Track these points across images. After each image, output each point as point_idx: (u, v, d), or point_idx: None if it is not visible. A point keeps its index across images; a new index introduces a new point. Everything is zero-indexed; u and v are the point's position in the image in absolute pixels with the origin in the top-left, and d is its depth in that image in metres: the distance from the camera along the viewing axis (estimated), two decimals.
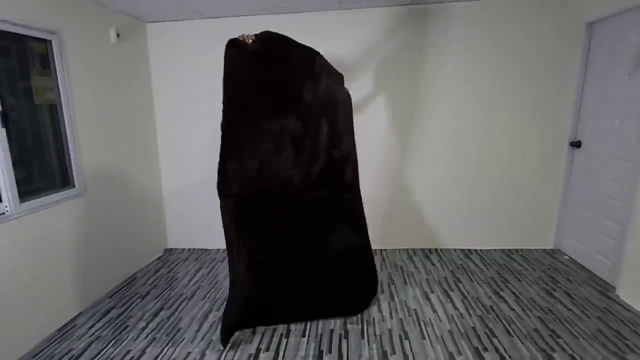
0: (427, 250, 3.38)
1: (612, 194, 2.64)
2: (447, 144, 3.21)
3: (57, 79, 2.35)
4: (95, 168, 2.65)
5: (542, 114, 3.08)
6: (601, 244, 2.74)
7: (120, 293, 2.76)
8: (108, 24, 2.78)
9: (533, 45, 2.97)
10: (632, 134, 2.44)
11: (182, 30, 3.19)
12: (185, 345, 2.10)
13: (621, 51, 2.57)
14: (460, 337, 2.11)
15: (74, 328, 2.31)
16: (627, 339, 2.04)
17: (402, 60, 3.09)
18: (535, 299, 2.49)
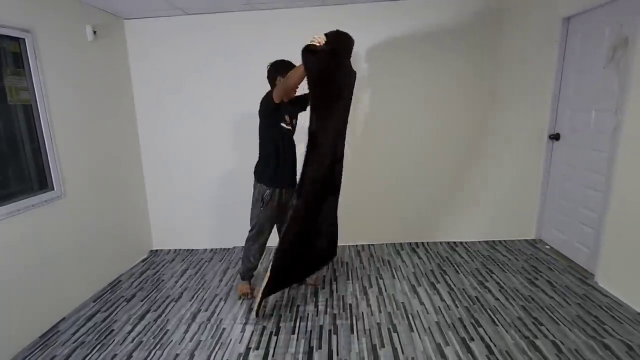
0: (414, 244, 3.42)
1: (589, 185, 2.73)
2: (430, 139, 3.25)
3: (32, 78, 2.27)
4: (74, 170, 2.57)
5: (521, 107, 3.15)
6: (580, 233, 2.83)
7: (104, 297, 2.70)
8: (84, 21, 2.70)
9: (512, 40, 3.03)
10: (608, 126, 2.52)
11: (161, 27, 3.12)
12: (173, 347, 2.08)
13: (596, 45, 2.64)
14: (448, 328, 2.15)
15: (57, 334, 2.25)
16: (605, 323, 2.12)
17: (383, 55, 3.10)
18: (519, 288, 2.56)
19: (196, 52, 3.17)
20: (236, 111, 3.26)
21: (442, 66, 3.10)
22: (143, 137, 3.35)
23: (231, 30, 3.11)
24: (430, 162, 3.29)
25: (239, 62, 3.16)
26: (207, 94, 3.24)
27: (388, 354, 1.96)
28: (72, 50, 2.59)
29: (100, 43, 2.85)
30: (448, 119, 3.20)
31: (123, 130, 3.17)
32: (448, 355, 1.92)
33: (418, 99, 3.17)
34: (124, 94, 3.18)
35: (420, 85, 3.15)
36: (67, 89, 2.54)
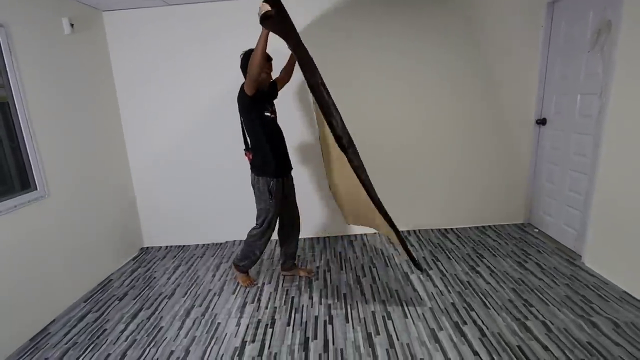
0: (406, 232, 3.45)
1: (575, 168, 2.78)
2: (418, 128, 3.25)
3: (7, 74, 2.18)
4: (57, 168, 2.50)
5: (508, 93, 3.17)
6: (567, 215, 2.89)
7: (95, 297, 2.65)
8: (60, 14, 2.59)
9: (497, 26, 3.03)
10: (593, 109, 2.56)
11: (142, 18, 3.03)
12: (168, 344, 2.06)
13: (580, 29, 2.67)
14: (441, 313, 2.18)
15: (48, 336, 2.21)
16: (592, 302, 2.18)
17: (369, 45, 3.07)
18: (509, 271, 2.61)
19: (179, 44, 3.09)
20: (223, 103, 3.19)
21: (427, 54, 3.09)
22: (127, 131, 3.27)
23: (214, 21, 3.03)
24: (418, 150, 3.30)
25: (223, 52, 3.09)
26: (192, 86, 3.17)
27: (383, 341, 1.98)
28: (48, 45, 2.49)
29: (78, 36, 2.75)
30: (435, 108, 3.20)
31: (106, 125, 3.08)
32: (442, 339, 1.95)
33: (405, 87, 3.16)
34: (105, 87, 3.08)
35: (406, 73, 3.13)
36: (46, 85, 2.45)
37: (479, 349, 1.86)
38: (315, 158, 3.24)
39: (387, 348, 1.92)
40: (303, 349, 1.95)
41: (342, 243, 3.31)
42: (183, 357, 1.95)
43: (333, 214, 3.43)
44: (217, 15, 3.02)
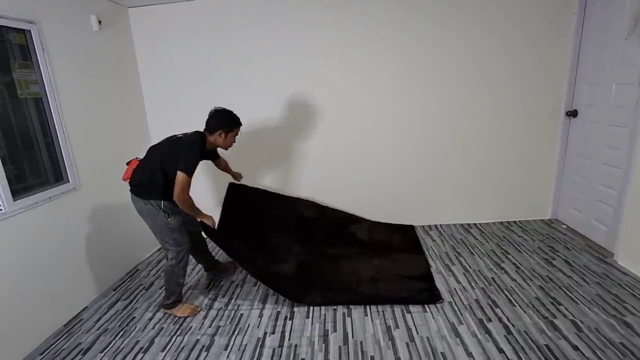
0: (427, 226, 3.40)
1: (608, 161, 2.65)
2: (444, 120, 3.18)
3: (40, 71, 2.26)
4: (88, 161, 2.59)
5: (537, 83, 3.05)
6: (598, 211, 2.77)
7: (123, 285, 2.76)
8: (88, 11, 2.66)
9: (526, 12, 2.91)
10: (629, 100, 2.42)
11: (166, 13, 3.07)
12: (193, 332, 2.12)
13: (616, 15, 2.52)
14: (464, 309, 2.15)
15: (80, 322, 2.31)
16: (625, 301, 2.09)
17: (388, 40, 3.01)
18: (535, 268, 2.53)
19: (204, 38, 3.12)
20: (250, 98, 3.22)
21: (456, 42, 3.00)
22: (152, 127, 3.35)
23: (240, 14, 3.04)
24: (443, 142, 3.23)
25: (249, 46, 3.10)
26: (219, 81, 3.21)
27: (402, 334, 1.97)
28: (78, 41, 2.57)
29: (105, 32, 2.82)
30: (462, 98, 3.12)
31: (132, 120, 3.17)
32: (462, 334, 1.93)
33: (430, 77, 3.09)
34: (131, 83, 3.16)
35: (434, 62, 3.06)
36: (76, 81, 2.54)
37: (504, 346, 1.82)
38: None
39: (406, 342, 1.91)
40: (323, 341, 1.96)
41: None
42: (208, 345, 2.00)
43: (353, 207, 3.42)
44: (242, 8, 3.03)
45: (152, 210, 2.14)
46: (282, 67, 3.13)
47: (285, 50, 3.09)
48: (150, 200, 2.13)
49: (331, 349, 1.90)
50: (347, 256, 2.83)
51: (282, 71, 3.14)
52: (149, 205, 2.13)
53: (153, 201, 2.13)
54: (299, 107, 3.22)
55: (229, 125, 2.22)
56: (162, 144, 2.21)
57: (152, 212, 2.14)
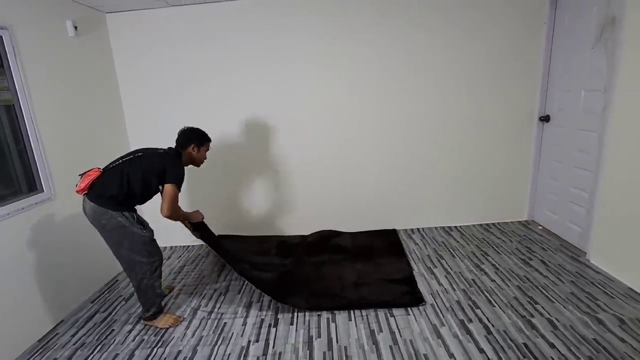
0: (410, 230, 3.45)
1: (579, 164, 2.77)
2: (422, 126, 3.24)
3: (12, 77, 2.19)
4: (63, 170, 2.52)
5: (512, 90, 3.16)
6: (571, 213, 2.88)
7: (102, 297, 2.68)
8: (64, 16, 2.61)
9: (500, 22, 3.02)
10: (597, 106, 2.54)
11: (145, 20, 3.04)
12: (175, 344, 2.08)
13: (584, 25, 2.65)
14: (446, 310, 2.18)
15: (56, 337, 2.23)
16: (598, 299, 2.18)
17: (368, 46, 3.07)
18: (513, 269, 2.61)
19: (183, 45, 3.10)
20: (229, 104, 3.21)
21: (436, 50, 3.08)
22: (131, 133, 3.29)
23: (219, 21, 3.04)
24: (422, 148, 3.30)
25: (228, 53, 3.10)
26: (198, 90, 3.18)
27: (386, 338, 1.99)
28: (53, 47, 2.50)
29: (82, 38, 2.77)
30: (441, 105, 3.20)
31: (110, 127, 3.10)
32: (444, 335, 1.97)
33: (408, 87, 3.16)
34: (109, 89, 3.10)
35: (409, 72, 3.13)
36: (50, 87, 2.47)
37: (484, 346, 1.87)
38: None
39: (390, 345, 1.93)
40: (307, 347, 1.96)
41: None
42: (190, 356, 1.96)
43: (336, 213, 3.44)
44: (221, 15, 3.03)
45: (123, 223, 2.02)
46: (262, 75, 3.14)
47: (266, 57, 3.10)
48: (123, 213, 2.04)
49: (315, 355, 1.90)
50: (331, 263, 2.84)
51: (263, 79, 3.15)
52: (121, 218, 2.02)
53: (127, 213, 2.06)
54: (280, 115, 3.23)
55: (200, 140, 2.28)
56: (139, 157, 2.12)
57: (123, 225, 2.02)
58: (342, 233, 3.40)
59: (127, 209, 2.06)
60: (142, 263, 2.11)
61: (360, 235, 3.36)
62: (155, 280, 2.18)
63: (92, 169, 2.10)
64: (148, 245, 2.12)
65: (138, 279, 2.14)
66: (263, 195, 3.43)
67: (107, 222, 2.02)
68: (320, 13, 3.01)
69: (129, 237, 2.06)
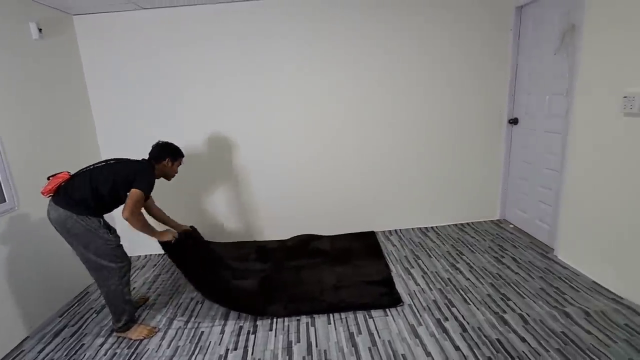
0: (387, 232, 3.50)
1: (546, 165, 2.89)
2: (398, 131, 3.31)
3: None
4: (28, 179, 2.40)
5: (482, 94, 3.28)
6: (540, 211, 3.01)
7: (71, 310, 2.56)
8: (27, 18, 2.50)
9: (469, 30, 3.13)
10: (561, 108, 2.67)
11: (115, 22, 2.96)
12: (150, 356, 2.01)
13: (546, 32, 2.79)
14: (423, 310, 2.22)
15: (22, 354, 2.12)
16: (565, 293, 2.28)
17: (349, 46, 3.11)
18: (487, 267, 2.69)
19: (154, 48, 3.03)
20: (200, 107, 3.17)
21: (404, 57, 3.15)
22: (102, 139, 3.18)
23: (190, 25, 3.00)
24: (398, 151, 3.36)
25: (198, 57, 3.06)
26: (170, 96, 3.12)
27: (365, 339, 2.00)
28: (15, 50, 2.40)
29: (47, 41, 2.66)
30: (414, 111, 3.27)
31: (79, 133, 2.99)
32: (421, 334, 2.00)
33: (382, 91, 3.21)
34: (77, 95, 2.99)
35: (383, 76, 3.18)
36: (13, 92, 2.36)
37: (460, 343, 1.91)
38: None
39: (369, 346, 1.94)
40: (287, 353, 1.95)
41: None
42: None
43: (314, 216, 3.44)
44: (195, 20, 2.99)
45: (89, 227, 1.99)
46: (237, 80, 3.12)
47: (241, 61, 3.08)
48: (89, 217, 2.00)
49: None
50: (310, 267, 2.84)
51: (237, 84, 3.13)
52: (87, 222, 1.98)
53: (94, 217, 2.02)
54: (256, 120, 3.21)
55: (175, 155, 2.33)
56: (111, 164, 2.13)
57: (89, 229, 1.99)
58: (321, 237, 3.41)
59: (93, 214, 2.02)
60: (109, 268, 2.06)
61: (339, 238, 3.38)
62: (124, 286, 2.13)
63: (61, 173, 2.09)
64: (115, 250, 2.08)
65: (107, 285, 2.08)
66: (240, 201, 3.39)
67: (72, 226, 1.97)
68: (296, 16, 3.02)
69: (96, 242, 2.01)
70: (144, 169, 2.14)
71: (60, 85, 2.79)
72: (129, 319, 2.17)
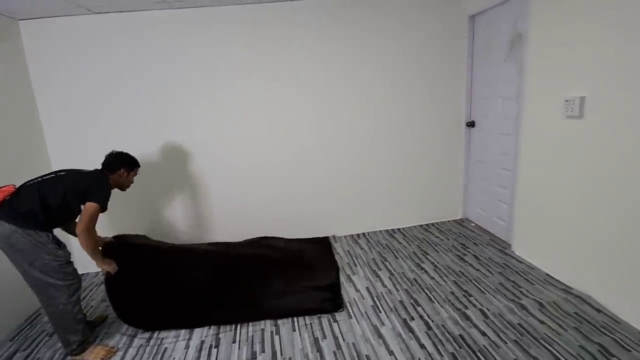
0: (355, 235, 3.54)
1: (502, 165, 3.05)
2: (362, 134, 3.37)
3: None
4: None
5: (442, 99, 3.41)
6: (498, 209, 3.16)
7: (22, 334, 2.39)
8: None
9: (428, 38, 3.26)
10: (512, 112, 2.83)
11: (64, 27, 2.82)
12: None
13: (497, 40, 2.95)
14: (390, 311, 2.26)
15: None
16: (521, 287, 2.40)
17: (313, 50, 3.14)
18: (450, 265, 2.78)
19: (107, 53, 2.92)
20: (154, 114, 3.07)
21: (368, 62, 3.22)
22: (52, 150, 3.01)
23: (143, 30, 2.91)
24: (362, 155, 3.41)
25: (152, 63, 2.97)
26: (125, 101, 3.01)
27: (330, 344, 2.01)
28: None
29: None
30: (379, 114, 3.34)
31: (27, 144, 2.81)
32: (384, 334, 2.04)
33: (344, 93, 3.27)
34: (24, 103, 2.82)
35: (346, 80, 3.24)
36: None
37: (425, 341, 1.96)
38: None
39: (334, 350, 1.96)
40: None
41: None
42: None
43: (279, 219, 3.42)
44: (148, 25, 2.91)
45: (37, 242, 1.87)
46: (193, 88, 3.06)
47: (196, 68, 3.03)
48: (37, 231, 1.88)
49: None
50: (258, 273, 2.73)
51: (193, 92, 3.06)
52: (34, 237, 1.86)
53: (41, 232, 1.90)
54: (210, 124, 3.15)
55: (131, 165, 2.26)
56: (61, 176, 2.02)
57: (36, 244, 1.87)
58: (274, 240, 3.31)
59: (41, 228, 1.90)
60: (57, 286, 1.93)
61: (292, 242, 3.31)
62: (74, 305, 2.00)
63: (6, 186, 1.95)
64: (65, 267, 1.95)
65: (54, 304, 1.95)
66: (195, 210, 3.31)
67: (17, 241, 1.84)
68: (251, 23, 3.01)
69: (43, 258, 1.88)
70: (98, 180, 2.05)
71: (4, 93, 2.61)
72: (82, 339, 2.05)
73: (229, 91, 3.11)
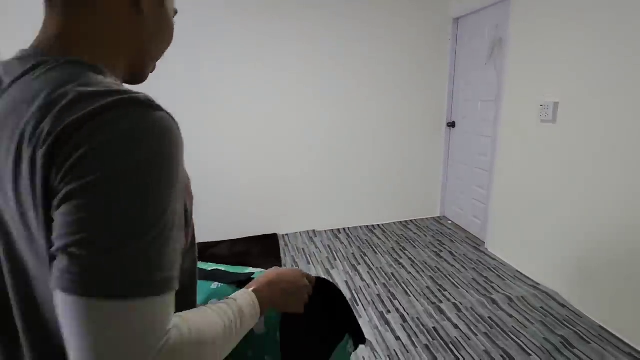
0: (336, 230, 3.58)
1: (479, 165, 3.15)
2: (345, 132, 3.40)
3: None
4: None
5: (424, 99, 3.49)
6: (474, 208, 3.27)
7: None
8: None
9: (412, 39, 3.32)
10: (491, 113, 2.93)
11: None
12: None
13: (479, 44, 3.04)
14: (368, 304, 2.32)
15: None
16: (492, 282, 2.51)
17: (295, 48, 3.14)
18: (427, 261, 2.86)
19: None
20: None
21: (352, 61, 3.25)
22: None
23: None
24: (345, 153, 3.45)
25: None
26: None
27: None
28: None
29: None
30: (362, 112, 3.39)
31: None
32: (362, 326, 2.08)
33: (325, 89, 3.28)
34: None
35: (329, 78, 3.26)
36: None
37: (400, 333, 2.02)
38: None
39: None
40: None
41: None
42: None
43: (258, 215, 3.43)
44: None
45: None
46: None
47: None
48: None
49: None
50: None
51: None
52: None
53: None
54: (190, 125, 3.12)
55: None
56: None
57: None
58: (219, 242, 3.24)
59: None
60: None
61: (238, 242, 3.25)
62: None
63: None
64: None
65: None
66: None
67: None
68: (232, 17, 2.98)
69: None
70: None
71: None
72: None
73: (204, 88, 3.07)
